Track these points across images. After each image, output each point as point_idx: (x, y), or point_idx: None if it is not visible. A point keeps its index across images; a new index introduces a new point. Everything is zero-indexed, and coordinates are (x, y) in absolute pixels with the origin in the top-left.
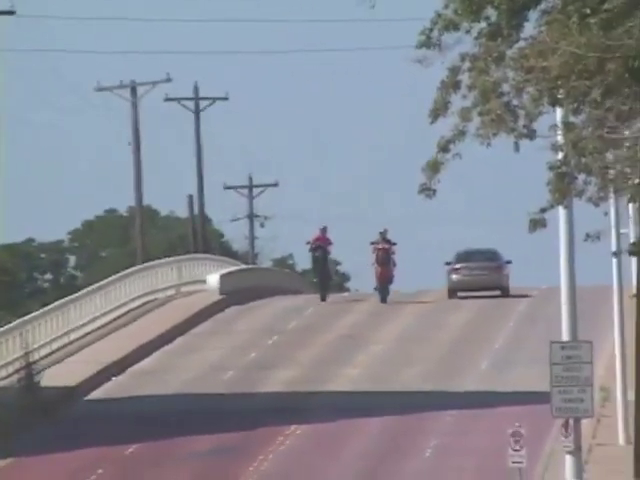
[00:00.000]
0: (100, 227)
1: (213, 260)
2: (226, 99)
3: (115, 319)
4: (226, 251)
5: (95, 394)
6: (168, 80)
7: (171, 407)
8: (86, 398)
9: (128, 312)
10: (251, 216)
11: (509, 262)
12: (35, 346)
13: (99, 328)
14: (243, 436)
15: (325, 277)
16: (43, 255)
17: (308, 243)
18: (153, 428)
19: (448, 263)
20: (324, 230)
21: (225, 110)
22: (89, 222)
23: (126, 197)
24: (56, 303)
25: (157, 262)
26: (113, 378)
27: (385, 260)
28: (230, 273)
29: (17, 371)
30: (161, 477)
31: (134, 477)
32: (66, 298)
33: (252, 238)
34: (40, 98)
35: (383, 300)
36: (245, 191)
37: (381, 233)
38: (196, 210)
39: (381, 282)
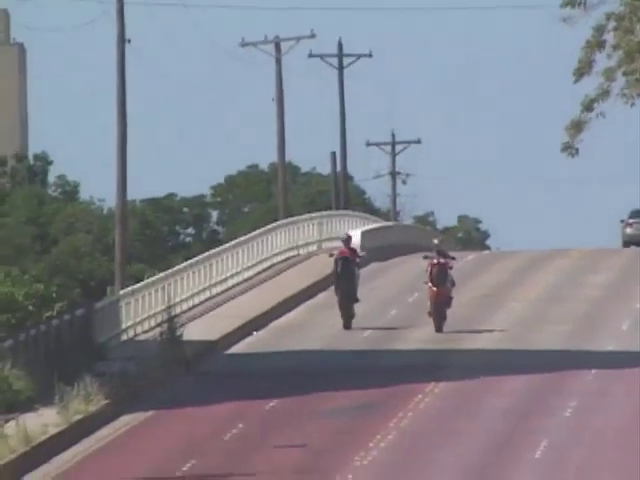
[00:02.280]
0: (242, 182)
1: (354, 217)
2: (370, 56)
3: (257, 274)
4: (367, 208)
5: (236, 348)
6: (312, 36)
7: (312, 363)
8: (227, 352)
9: (270, 267)
10: (393, 173)
11: None
12: (177, 300)
13: (241, 283)
14: (382, 393)
15: (348, 298)
16: (186, 209)
17: (331, 256)
18: (294, 384)
19: (622, 221)
20: (348, 241)
21: (369, 67)
22: (231, 177)
23: (268, 153)
24: (199, 257)
25: (299, 218)
26: (254, 333)
27: (441, 278)
28: (371, 230)
29: (159, 325)
30: (301, 433)
31: (275, 432)
32: (209, 252)
33: (394, 195)
34: (185, 53)
35: (439, 329)
36: (388, 148)
37: (436, 245)
38: (338, 167)
39: (437, 306)
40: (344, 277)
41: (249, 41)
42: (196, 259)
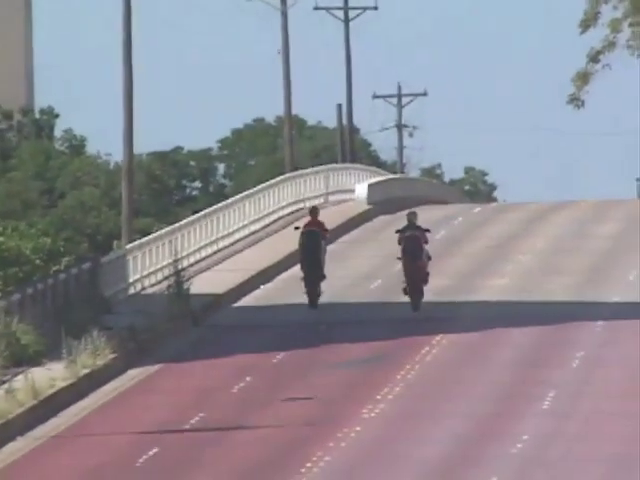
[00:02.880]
0: (249, 136)
1: (361, 170)
2: (375, 8)
3: (264, 227)
4: (374, 161)
5: (244, 301)
6: None
7: (319, 315)
8: (234, 305)
9: (277, 220)
10: (400, 125)
11: None
12: (184, 254)
13: (248, 236)
14: (390, 345)
15: (314, 272)
16: (192, 163)
17: (297, 228)
18: (301, 336)
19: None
20: (314, 211)
21: (375, 20)
22: (238, 131)
23: (275, 106)
24: (206, 211)
25: (306, 171)
26: (261, 286)
27: (415, 250)
28: (378, 183)
29: (166, 278)
30: (309, 385)
31: (282, 385)
32: (216, 206)
33: (400, 148)
34: (191, 5)
35: (416, 307)
36: (394, 100)
37: (409, 218)
38: (344, 120)
39: (412, 281)
40: (310, 251)
41: None
42: (203, 213)
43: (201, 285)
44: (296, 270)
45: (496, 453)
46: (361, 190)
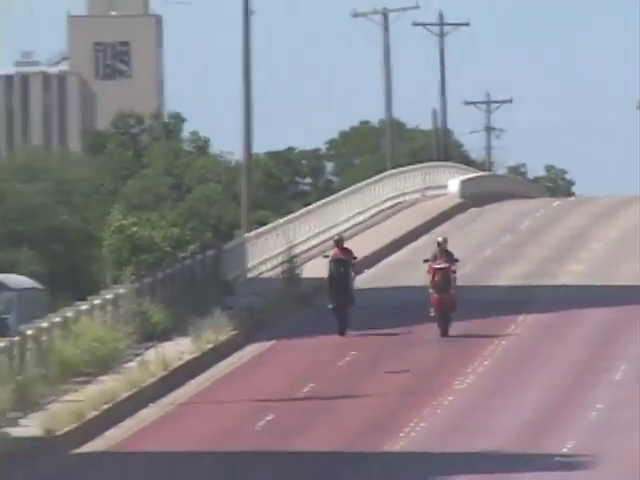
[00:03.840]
0: (354, 137)
1: (453, 167)
2: (467, 25)
3: (368, 218)
4: (465, 160)
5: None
6: (416, 7)
7: (416, 297)
8: None
9: (379, 212)
10: (488, 128)
11: None
12: (296, 242)
13: (354, 226)
14: (478, 324)
15: (343, 302)
16: (304, 162)
17: (326, 257)
18: (400, 315)
19: None
20: (340, 241)
21: (467, 35)
22: (345, 132)
23: (377, 111)
24: (316, 204)
25: (405, 168)
26: (365, 271)
27: (445, 286)
28: (469, 179)
29: (281, 264)
30: (407, 359)
31: (383, 359)
32: (324, 200)
33: (489, 148)
34: (303, 21)
35: (444, 333)
36: (483, 106)
37: (439, 244)
38: (439, 123)
39: (442, 313)
40: (338, 279)
41: (360, 12)
42: (313, 205)
43: (311, 270)
44: (396, 257)
45: (574, 420)
46: (454, 185)
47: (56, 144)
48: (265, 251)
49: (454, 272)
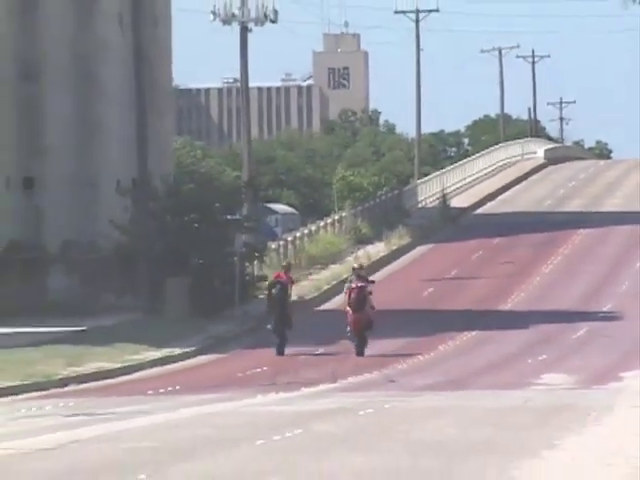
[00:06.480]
0: (482, 124)
1: (540, 141)
2: (549, 57)
3: (489, 172)
4: (547, 137)
5: (479, 211)
6: (517, 46)
7: (517, 219)
8: (474, 213)
9: (496, 168)
10: (561, 118)
11: None
12: (447, 185)
13: (480, 177)
14: (556, 235)
15: (282, 323)
16: (451, 138)
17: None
18: (509, 229)
19: None
20: (287, 267)
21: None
22: (476, 121)
23: (495, 107)
24: (458, 162)
25: (510, 142)
26: (488, 203)
27: (360, 304)
28: (550, 148)
29: (437, 199)
30: (512, 255)
31: (498, 254)
32: (463, 160)
33: (561, 130)
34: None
35: (360, 353)
36: (557, 106)
37: (355, 269)
38: (532, 115)
39: (357, 331)
40: (278, 300)
41: (485, 49)
42: (456, 165)
43: (457, 202)
44: (506, 195)
45: (611, 291)
46: (540, 152)
47: (305, 128)
48: (428, 190)
49: (370, 293)
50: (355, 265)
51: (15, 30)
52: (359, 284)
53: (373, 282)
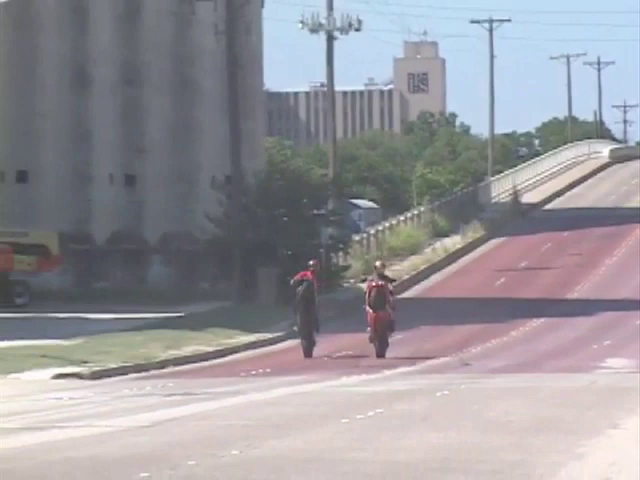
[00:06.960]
0: (551, 126)
1: (605, 142)
2: (613, 63)
3: (557, 170)
4: (612, 138)
5: (548, 206)
6: (583, 54)
7: (584, 214)
8: (542, 208)
9: (565, 167)
10: (625, 121)
11: None
12: (518, 182)
13: (550, 175)
14: (617, 229)
15: (309, 323)
16: (522, 138)
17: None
18: (576, 222)
19: None
20: (315, 265)
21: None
22: (546, 122)
23: (564, 110)
24: (529, 162)
25: (578, 142)
26: (557, 199)
27: (379, 302)
28: (614, 148)
29: (509, 195)
30: (580, 247)
31: (567, 247)
32: (533, 160)
33: (625, 133)
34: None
35: (380, 354)
36: (622, 108)
37: (377, 267)
38: (598, 117)
39: (377, 331)
40: (304, 299)
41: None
42: (527, 163)
43: (528, 197)
44: (574, 191)
45: None
46: (605, 152)
47: (386, 128)
48: (501, 187)
49: (392, 293)
50: (377, 264)
51: (120, 38)
52: (379, 282)
53: (394, 281)
